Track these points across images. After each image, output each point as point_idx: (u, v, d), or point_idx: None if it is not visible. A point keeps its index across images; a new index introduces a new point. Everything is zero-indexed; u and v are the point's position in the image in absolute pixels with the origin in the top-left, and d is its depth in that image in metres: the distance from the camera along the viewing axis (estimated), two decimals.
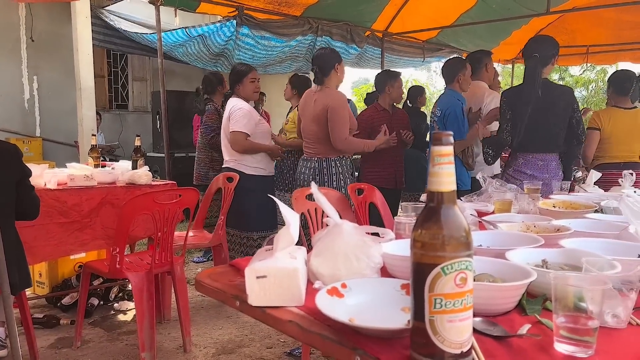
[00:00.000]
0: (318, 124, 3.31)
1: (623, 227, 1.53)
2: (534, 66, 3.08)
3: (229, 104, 3.70)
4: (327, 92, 3.34)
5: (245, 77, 3.71)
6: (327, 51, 3.49)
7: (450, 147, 0.79)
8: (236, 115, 3.57)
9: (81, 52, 5.87)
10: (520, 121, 3.13)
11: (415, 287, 0.80)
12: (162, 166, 5.91)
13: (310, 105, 3.38)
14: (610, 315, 0.97)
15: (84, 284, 3.03)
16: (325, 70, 3.33)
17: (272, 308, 1.05)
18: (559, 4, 5.62)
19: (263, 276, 1.05)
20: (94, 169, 3.31)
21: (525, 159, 3.18)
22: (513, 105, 3.19)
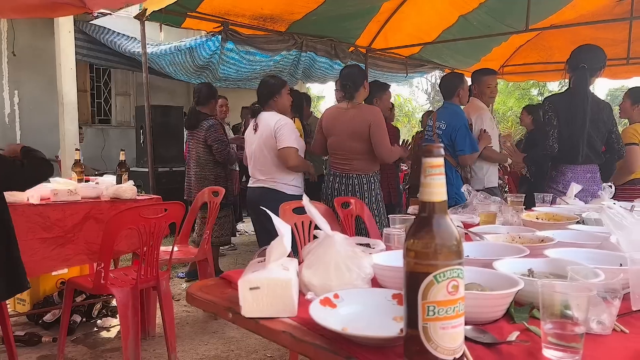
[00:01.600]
0: (358, 140, 3.35)
1: (605, 237, 1.58)
2: (584, 77, 3.11)
3: (267, 118, 3.43)
4: (365, 108, 3.43)
5: (283, 88, 3.53)
6: (356, 69, 3.56)
7: (440, 158, 0.81)
8: (285, 130, 3.35)
9: (64, 67, 5.83)
10: (567, 132, 3.13)
11: (409, 295, 0.82)
12: (145, 181, 5.87)
13: (344, 122, 3.40)
14: (596, 322, 1.00)
15: (67, 300, 2.98)
16: (357, 86, 3.41)
17: (265, 319, 1.06)
18: (537, 22, 5.76)
19: (256, 287, 1.06)
20: (77, 184, 3.28)
21: (574, 172, 3.19)
22: (559, 114, 3.17)
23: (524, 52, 7.69)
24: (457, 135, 3.64)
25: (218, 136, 4.34)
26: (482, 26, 6.09)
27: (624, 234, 1.38)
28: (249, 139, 3.57)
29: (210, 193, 3.79)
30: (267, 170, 3.45)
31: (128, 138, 8.41)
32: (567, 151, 3.18)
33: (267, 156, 3.42)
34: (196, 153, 4.48)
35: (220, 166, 4.45)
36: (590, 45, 3.35)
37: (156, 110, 6.58)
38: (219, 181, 4.41)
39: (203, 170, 4.47)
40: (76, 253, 3.06)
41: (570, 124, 3.15)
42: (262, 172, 3.48)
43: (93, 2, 3.54)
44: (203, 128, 4.38)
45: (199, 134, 4.42)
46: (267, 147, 3.41)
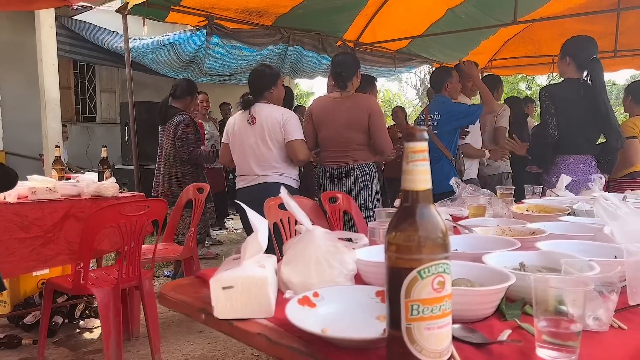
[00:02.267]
0: (357, 129, 3.24)
1: (597, 228, 1.52)
2: (600, 69, 3.13)
3: (269, 110, 3.29)
4: (362, 97, 3.32)
5: (279, 79, 3.40)
6: (350, 57, 3.46)
7: (424, 143, 0.74)
8: (293, 123, 3.25)
9: (45, 63, 5.71)
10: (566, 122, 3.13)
11: (391, 293, 0.75)
12: (131, 178, 5.76)
13: (339, 112, 3.28)
14: (592, 318, 0.94)
15: (46, 302, 2.88)
16: (350, 76, 3.31)
17: (240, 320, 0.99)
18: (525, 15, 5.73)
19: (229, 286, 0.98)
20: (57, 182, 3.18)
21: (567, 164, 3.17)
22: (559, 104, 3.16)
23: (512, 45, 7.66)
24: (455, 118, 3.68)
25: (184, 133, 4.11)
26: (470, 19, 6.05)
27: (618, 224, 1.33)
28: (242, 132, 3.35)
29: (194, 190, 3.70)
30: (272, 164, 3.28)
31: (114, 135, 8.28)
32: (566, 141, 3.17)
33: (273, 149, 3.26)
34: (166, 149, 4.28)
35: (190, 164, 4.23)
36: (587, 36, 3.32)
37: (141, 107, 6.46)
38: (186, 179, 4.18)
39: (170, 167, 4.26)
40: (57, 253, 2.97)
41: (569, 115, 3.13)
42: (264, 167, 3.29)
43: None
44: (173, 123, 4.17)
45: (168, 129, 4.21)
46: (272, 140, 3.25)
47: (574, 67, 3.20)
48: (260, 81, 3.33)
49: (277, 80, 3.37)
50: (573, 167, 3.16)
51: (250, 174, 3.35)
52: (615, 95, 20.77)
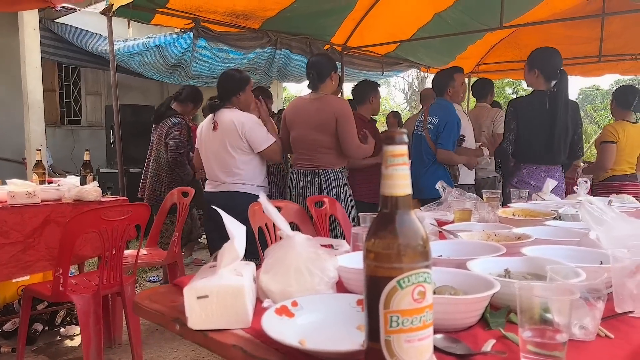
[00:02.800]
0: (324, 132, 3.16)
1: (583, 233, 1.51)
2: (566, 80, 3.22)
3: (231, 116, 3.19)
4: (330, 99, 3.22)
5: (248, 85, 3.31)
6: (324, 58, 3.37)
7: (404, 146, 0.71)
8: (256, 132, 3.16)
9: (29, 65, 5.63)
10: (527, 132, 3.23)
11: (369, 303, 0.72)
12: (116, 182, 5.68)
13: (308, 114, 3.21)
14: (578, 327, 0.92)
15: (25, 309, 2.81)
16: (323, 77, 3.23)
17: (215, 331, 0.95)
18: (511, 20, 5.75)
19: (204, 296, 0.94)
20: (37, 186, 3.11)
21: (529, 170, 3.27)
22: (519, 116, 3.26)
23: (499, 50, 7.70)
24: (444, 129, 3.62)
25: (177, 135, 4.09)
26: (457, 24, 6.06)
27: (604, 229, 1.31)
28: (206, 137, 3.30)
29: (179, 194, 3.64)
30: (234, 170, 3.21)
31: (99, 139, 8.18)
32: (525, 150, 3.28)
33: (235, 156, 3.19)
34: (156, 150, 4.24)
35: (179, 167, 4.18)
36: (552, 48, 3.41)
37: (127, 110, 6.39)
38: (172, 184, 4.10)
39: (160, 170, 4.24)
40: (37, 259, 2.91)
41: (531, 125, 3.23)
42: (227, 173, 3.23)
43: None
44: (167, 124, 4.14)
45: (161, 130, 4.18)
46: (233, 147, 3.17)
47: (542, 79, 3.28)
48: (228, 85, 3.27)
49: (246, 86, 3.29)
50: (535, 174, 3.26)
51: (216, 179, 3.30)
52: (599, 99, 21.02)
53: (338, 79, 3.37)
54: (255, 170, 3.25)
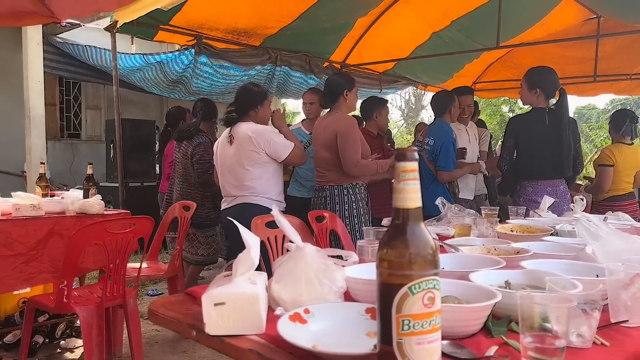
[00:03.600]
0: (329, 150, 3.24)
1: (579, 248, 1.56)
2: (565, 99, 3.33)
3: (247, 130, 3.17)
4: (335, 116, 3.30)
5: (266, 99, 3.33)
6: (337, 78, 3.46)
7: (415, 163, 0.77)
8: (275, 140, 3.16)
9: (31, 79, 5.69)
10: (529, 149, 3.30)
11: (382, 308, 0.77)
12: (115, 196, 5.71)
13: (320, 132, 3.31)
14: (575, 335, 0.97)
15: (28, 321, 2.83)
16: (334, 96, 3.31)
17: (231, 337, 1.00)
18: (508, 40, 5.87)
19: (221, 303, 0.99)
20: (41, 199, 3.15)
21: (534, 187, 3.32)
22: (519, 135, 3.34)
23: (495, 69, 7.83)
24: (440, 151, 3.70)
25: (204, 156, 3.98)
26: (454, 43, 6.18)
27: (599, 244, 1.36)
28: (222, 152, 3.33)
29: (180, 208, 3.69)
30: (247, 184, 3.20)
31: (98, 153, 8.22)
32: (528, 167, 3.35)
33: (249, 169, 3.18)
34: (183, 168, 4.12)
35: (206, 186, 4.08)
36: (549, 67, 3.51)
37: (127, 124, 6.44)
38: (205, 201, 4.07)
39: (190, 188, 4.10)
40: (40, 271, 2.92)
41: (532, 142, 3.31)
42: (239, 187, 3.23)
43: (61, 10, 3.45)
44: (192, 143, 4.03)
45: (186, 149, 4.07)
46: (248, 159, 3.16)
47: (543, 97, 3.36)
48: (246, 99, 3.27)
49: (264, 100, 3.30)
50: (541, 191, 3.30)
51: (228, 194, 3.31)
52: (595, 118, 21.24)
53: (355, 98, 3.43)
54: (269, 183, 3.24)
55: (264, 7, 4.69)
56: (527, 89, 3.39)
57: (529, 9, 5.61)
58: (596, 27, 5.81)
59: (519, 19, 5.70)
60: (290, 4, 4.67)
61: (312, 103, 4.24)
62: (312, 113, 4.26)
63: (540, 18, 5.91)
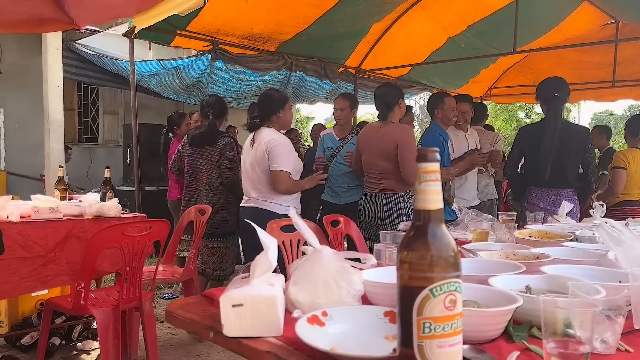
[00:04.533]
0: (388, 159, 3.33)
1: (600, 254, 1.53)
2: (557, 106, 3.37)
3: (265, 135, 3.25)
4: (396, 127, 3.39)
5: (287, 104, 3.36)
6: (390, 88, 3.53)
7: (436, 164, 0.76)
8: (280, 150, 3.17)
9: (51, 84, 5.77)
10: (534, 157, 3.39)
11: (403, 311, 0.76)
12: (131, 200, 5.76)
13: (375, 141, 3.40)
14: (599, 341, 0.95)
15: (45, 322, 2.86)
16: (391, 106, 3.40)
17: (249, 339, 0.99)
18: (525, 45, 5.83)
19: (239, 304, 0.99)
20: (60, 201, 3.18)
21: (538, 193, 3.42)
22: (524, 143, 3.47)
23: (512, 74, 7.77)
24: None
25: (231, 155, 3.85)
26: (470, 48, 6.15)
27: (622, 249, 1.34)
28: (245, 155, 3.42)
29: (196, 212, 3.70)
30: (260, 189, 3.27)
31: (115, 157, 8.31)
32: (534, 175, 3.46)
33: (260, 175, 3.25)
34: (207, 175, 3.92)
35: (231, 190, 3.94)
36: (557, 78, 3.57)
37: (144, 129, 6.50)
38: (230, 207, 3.92)
39: (216, 195, 3.90)
40: (57, 273, 2.95)
41: (537, 151, 3.39)
42: (255, 190, 3.30)
43: (80, 17, 3.51)
44: (218, 146, 3.86)
45: (211, 153, 3.88)
46: (259, 165, 3.24)
47: (544, 107, 3.47)
48: (267, 105, 3.33)
49: (285, 105, 3.35)
50: (543, 197, 3.41)
51: (247, 195, 3.41)
52: (613, 124, 20.98)
53: (405, 106, 3.54)
54: None
55: (280, 13, 4.72)
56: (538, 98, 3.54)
57: (546, 13, 5.57)
58: (614, 32, 5.73)
59: (536, 24, 5.66)
60: (306, 10, 4.69)
61: (342, 109, 4.17)
62: (343, 119, 4.22)
63: (557, 23, 5.86)
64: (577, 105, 16.30)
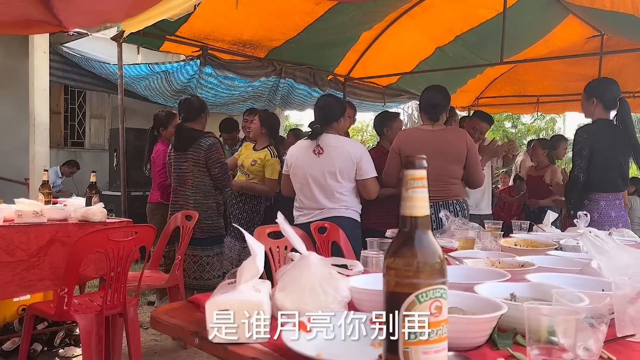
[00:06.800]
0: (458, 163, 3.23)
1: (584, 263, 1.55)
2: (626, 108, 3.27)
3: (341, 143, 3.21)
4: (460, 131, 3.37)
5: (346, 111, 3.37)
6: (444, 91, 3.40)
7: (423, 170, 0.77)
8: (367, 160, 3.20)
9: (37, 87, 5.72)
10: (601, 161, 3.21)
11: (389, 317, 0.76)
12: (117, 205, 5.70)
13: (434, 145, 3.23)
14: (582, 349, 0.96)
15: (27, 328, 2.82)
16: (444, 109, 3.33)
17: (235, 344, 0.99)
18: (512, 55, 5.90)
19: (225, 310, 0.99)
20: (44, 205, 3.15)
21: (607, 201, 3.22)
22: (593, 144, 3.23)
23: (499, 84, 7.85)
24: None
25: (219, 158, 3.78)
26: (458, 58, 6.21)
27: (605, 258, 1.36)
28: (305, 162, 3.24)
29: (183, 217, 3.68)
30: (340, 197, 3.18)
31: (101, 161, 8.24)
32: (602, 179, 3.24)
33: (342, 183, 3.17)
34: (193, 178, 3.82)
35: (220, 192, 3.93)
36: (610, 78, 3.49)
37: (131, 133, 6.46)
38: (220, 209, 3.89)
39: (205, 197, 3.82)
40: (40, 278, 2.92)
41: (610, 154, 3.23)
42: (331, 200, 3.19)
43: (69, 20, 3.48)
44: (201, 148, 3.77)
45: (196, 155, 3.79)
46: (342, 174, 3.16)
47: (602, 108, 3.30)
48: (329, 111, 3.28)
49: (345, 112, 3.36)
50: (611, 204, 3.22)
51: (316, 207, 3.23)
52: None
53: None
54: (357, 197, 3.28)
55: (269, 20, 4.73)
56: (585, 98, 3.35)
57: (533, 25, 5.64)
58: (600, 45, 5.83)
59: (523, 36, 5.73)
60: (295, 17, 4.70)
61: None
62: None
63: (544, 35, 5.94)
64: (563, 116, 16.50)
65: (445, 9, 5.33)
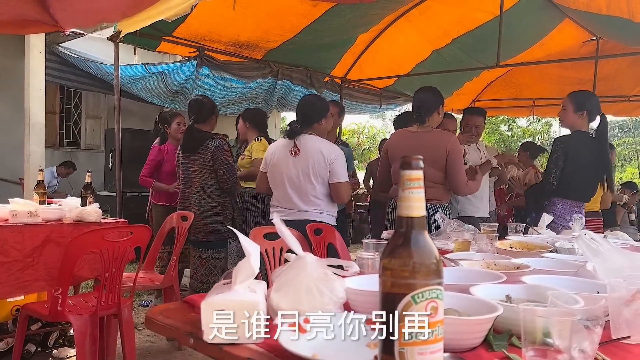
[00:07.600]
0: (435, 167, 3.13)
1: (579, 265, 1.56)
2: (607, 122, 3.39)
3: (316, 144, 3.15)
4: (443, 134, 3.25)
5: (329, 112, 3.29)
6: (431, 93, 3.35)
7: (420, 171, 0.77)
8: (340, 163, 3.13)
9: (32, 87, 5.69)
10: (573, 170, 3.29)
11: (385, 318, 0.76)
12: (113, 205, 5.68)
13: (416, 146, 3.18)
14: (577, 350, 0.96)
15: (21, 329, 2.80)
16: (431, 111, 3.24)
17: (230, 345, 0.98)
18: (508, 59, 5.92)
19: (220, 310, 0.98)
20: (39, 205, 3.13)
21: (565, 206, 3.33)
22: (568, 154, 3.30)
23: (495, 88, 7.88)
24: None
25: (226, 159, 3.70)
26: (454, 61, 6.23)
27: (600, 260, 1.36)
28: (282, 162, 3.19)
29: (178, 218, 3.67)
30: (313, 200, 3.14)
31: (97, 162, 8.20)
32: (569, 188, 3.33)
33: (315, 185, 3.11)
34: (200, 180, 3.76)
35: (226, 194, 3.83)
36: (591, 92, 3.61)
37: (126, 134, 6.45)
38: (226, 213, 3.80)
39: (210, 200, 3.76)
40: (35, 279, 2.90)
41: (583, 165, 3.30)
42: (305, 201, 3.14)
43: (66, 20, 3.47)
44: (209, 150, 3.71)
45: (203, 157, 3.73)
46: (316, 175, 3.11)
47: (587, 121, 3.37)
48: (310, 112, 3.22)
49: (327, 113, 3.29)
50: (569, 209, 3.30)
51: (290, 207, 3.19)
52: None
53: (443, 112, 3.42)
54: (332, 200, 3.22)
55: (266, 21, 4.73)
56: (574, 110, 3.36)
57: (529, 29, 5.67)
58: (595, 49, 5.87)
59: (519, 39, 5.75)
60: (292, 19, 4.71)
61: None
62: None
63: (540, 39, 5.98)
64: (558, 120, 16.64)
65: (442, 12, 5.35)
